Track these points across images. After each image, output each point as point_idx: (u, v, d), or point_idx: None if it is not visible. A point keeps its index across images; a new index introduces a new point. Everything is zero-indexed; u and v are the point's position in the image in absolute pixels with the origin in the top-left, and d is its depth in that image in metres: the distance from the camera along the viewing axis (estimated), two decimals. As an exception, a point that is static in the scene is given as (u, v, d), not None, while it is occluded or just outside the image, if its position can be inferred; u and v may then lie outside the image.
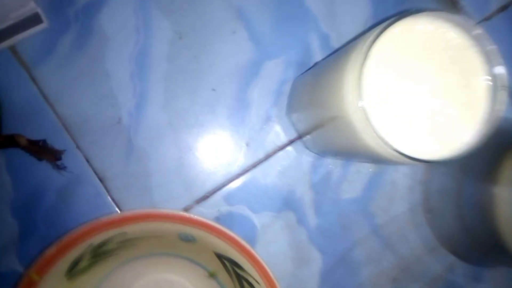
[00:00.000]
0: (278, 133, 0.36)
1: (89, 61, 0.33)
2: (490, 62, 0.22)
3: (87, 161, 0.33)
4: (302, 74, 0.35)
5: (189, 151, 0.35)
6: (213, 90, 0.35)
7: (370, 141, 0.22)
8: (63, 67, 0.33)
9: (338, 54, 0.26)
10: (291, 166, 0.36)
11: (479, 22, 0.37)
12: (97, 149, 0.33)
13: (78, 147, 0.33)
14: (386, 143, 0.21)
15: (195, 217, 0.28)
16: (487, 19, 0.37)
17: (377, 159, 0.25)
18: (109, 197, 0.33)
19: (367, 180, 0.37)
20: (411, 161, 0.21)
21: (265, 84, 0.36)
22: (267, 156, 0.36)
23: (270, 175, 0.36)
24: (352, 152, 0.27)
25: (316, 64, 0.35)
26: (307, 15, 0.36)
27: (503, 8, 0.37)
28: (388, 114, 0.22)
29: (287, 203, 0.36)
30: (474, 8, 0.37)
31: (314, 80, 0.29)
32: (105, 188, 0.33)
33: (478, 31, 0.22)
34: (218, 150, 0.35)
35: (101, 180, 0.33)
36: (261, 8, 0.35)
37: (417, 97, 0.23)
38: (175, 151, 0.34)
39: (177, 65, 0.35)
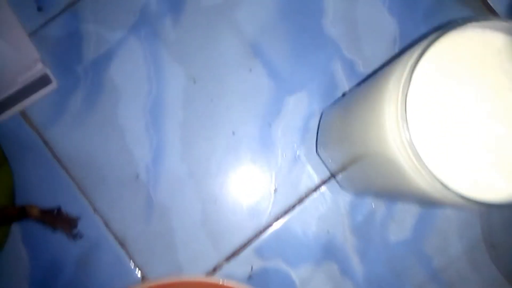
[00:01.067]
0: (309, 173, 0.32)
1: (101, 117, 0.32)
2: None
3: (106, 224, 0.31)
4: (329, 106, 0.31)
5: (213, 202, 0.32)
6: (233, 133, 0.32)
7: (422, 183, 0.18)
8: (75, 127, 0.31)
9: (371, 82, 0.23)
10: (328, 209, 0.32)
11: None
12: (115, 210, 0.31)
13: (95, 210, 0.31)
14: (444, 185, 0.17)
15: (226, 283, 0.24)
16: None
17: (429, 202, 0.21)
18: (131, 262, 0.31)
19: (417, 217, 0.32)
20: (477, 205, 0.17)
21: (289, 122, 0.33)
22: (300, 201, 0.32)
23: (305, 221, 0.32)
24: (397, 194, 0.23)
25: (345, 94, 0.32)
26: (327, 42, 0.33)
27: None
28: (441, 147, 0.18)
29: (328, 252, 0.32)
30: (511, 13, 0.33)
31: (345, 112, 0.25)
32: (126, 252, 0.31)
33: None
34: (245, 199, 0.32)
35: (121, 244, 0.31)
36: (276, 41, 0.33)
37: (474, 124, 0.19)
38: (199, 204, 0.31)
39: (193, 111, 0.32)
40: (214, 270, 0.31)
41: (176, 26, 0.33)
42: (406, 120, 0.17)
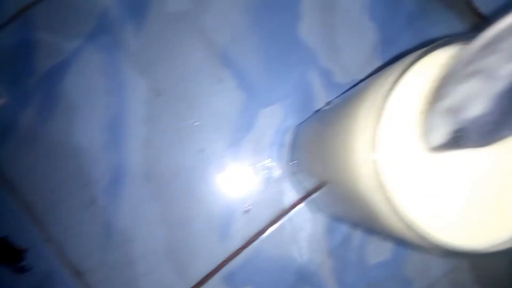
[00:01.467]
0: (283, 193, 0.30)
1: (55, 135, 0.29)
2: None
3: (59, 254, 0.28)
4: (302, 124, 0.29)
5: (180, 227, 0.29)
6: (202, 150, 0.30)
7: (392, 222, 0.16)
8: (25, 147, 0.29)
9: (342, 105, 0.21)
10: (303, 230, 0.30)
11: None
12: (70, 238, 0.28)
13: (48, 239, 0.28)
14: (419, 231, 0.15)
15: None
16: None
17: (402, 243, 0.19)
18: (89, 294, 0.28)
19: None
20: (460, 255, 0.15)
21: (262, 137, 0.30)
22: (273, 222, 0.30)
23: (278, 244, 0.30)
24: (368, 228, 0.21)
25: (318, 110, 0.29)
26: (303, 51, 0.31)
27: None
28: (419, 179, 0.16)
29: (303, 277, 0.29)
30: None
31: (315, 135, 0.23)
32: (83, 284, 0.28)
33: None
34: (215, 221, 0.30)
35: (77, 276, 0.28)
36: (248, 50, 0.31)
37: (461, 153, 0.17)
38: (163, 229, 0.29)
39: (157, 127, 0.30)
40: (180, 300, 0.28)
41: (139, 34, 0.30)
42: (376, 142, 0.15)
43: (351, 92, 0.20)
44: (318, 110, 0.30)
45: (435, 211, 0.16)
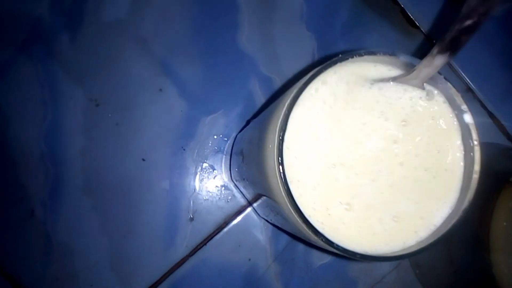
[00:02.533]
0: (227, 200, 0.30)
1: (-13, 148, 0.28)
2: (454, 109, 0.17)
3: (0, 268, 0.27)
4: (241, 131, 0.29)
5: (122, 237, 0.29)
6: (143, 160, 0.30)
7: (304, 231, 0.17)
8: (-45, 161, 0.28)
9: (262, 115, 0.21)
10: (249, 236, 0.30)
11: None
12: (8, 252, 0.27)
13: (-18, 254, 0.27)
14: (326, 240, 0.15)
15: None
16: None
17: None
18: (28, 310, 0.27)
19: (340, 240, 0.31)
20: (361, 259, 0.16)
21: (205, 145, 0.30)
22: (219, 229, 0.30)
23: (224, 251, 0.30)
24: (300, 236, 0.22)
25: (249, 121, 0.30)
26: (243, 59, 0.31)
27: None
28: (325, 193, 0.17)
29: (249, 283, 0.30)
30: (434, 28, 0.32)
31: (244, 143, 0.23)
32: (23, 299, 0.27)
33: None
34: (159, 231, 0.29)
35: (15, 291, 0.27)
36: (188, 58, 0.30)
37: (366, 166, 0.17)
38: (105, 240, 0.29)
39: (96, 137, 0.29)
40: (124, 312, 0.28)
41: (74, 43, 0.29)
42: (282, 164, 0.15)
43: (266, 110, 0.21)
44: (248, 120, 0.30)
45: (351, 219, 0.16)
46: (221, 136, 0.30)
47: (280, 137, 0.15)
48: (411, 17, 0.32)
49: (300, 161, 0.16)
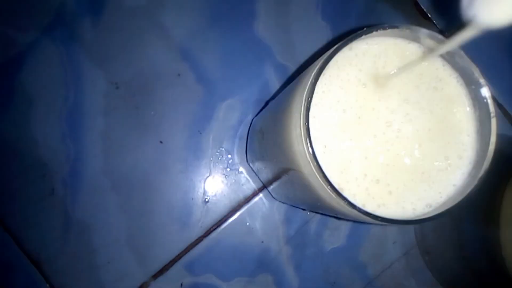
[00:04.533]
0: (242, 183, 0.31)
1: (11, 127, 0.29)
2: (470, 85, 0.18)
3: (18, 244, 0.28)
4: (257, 114, 0.30)
5: (139, 217, 0.30)
6: (161, 142, 0.30)
7: (329, 199, 0.17)
8: (-20, 138, 0.28)
9: (286, 90, 0.22)
10: (262, 219, 0.31)
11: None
12: (28, 228, 0.28)
13: (5, 229, 0.28)
14: (349, 203, 0.16)
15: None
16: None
17: (346, 217, 0.20)
18: (47, 285, 0.28)
19: (351, 225, 0.32)
20: (392, 223, 0.17)
21: (221, 129, 0.31)
22: (233, 211, 0.31)
23: (238, 233, 0.30)
24: (319, 208, 0.22)
25: (268, 101, 0.30)
26: (260, 47, 0.32)
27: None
28: (349, 161, 0.17)
29: (262, 264, 0.30)
30: (446, 21, 0.33)
31: (264, 124, 0.24)
32: (42, 273, 0.28)
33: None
34: (174, 211, 0.30)
35: (36, 265, 0.28)
36: (206, 45, 0.31)
37: (385, 137, 0.18)
38: (123, 219, 0.29)
39: (115, 119, 0.30)
40: (140, 289, 0.29)
41: (96, 27, 0.30)
42: (309, 137, 0.16)
43: (288, 88, 0.22)
44: (266, 103, 0.31)
45: (373, 185, 0.17)
46: (236, 120, 0.31)
47: (307, 103, 0.15)
48: (424, 9, 0.33)
49: (326, 129, 0.17)
